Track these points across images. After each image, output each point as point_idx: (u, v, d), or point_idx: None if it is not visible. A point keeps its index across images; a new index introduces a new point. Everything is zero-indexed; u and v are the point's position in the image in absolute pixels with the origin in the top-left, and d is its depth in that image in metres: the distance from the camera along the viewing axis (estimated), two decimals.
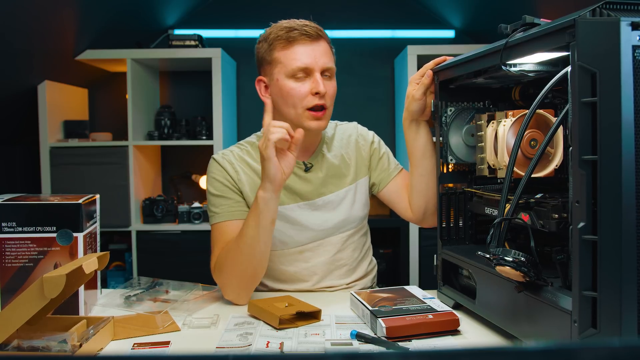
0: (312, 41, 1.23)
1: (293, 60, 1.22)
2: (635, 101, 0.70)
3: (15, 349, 0.86)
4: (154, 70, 2.95)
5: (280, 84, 1.25)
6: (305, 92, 1.23)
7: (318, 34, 1.25)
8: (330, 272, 1.36)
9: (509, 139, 1.00)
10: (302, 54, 1.22)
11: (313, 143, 1.35)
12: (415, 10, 3.09)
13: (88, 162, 2.58)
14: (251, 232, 1.16)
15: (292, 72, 1.23)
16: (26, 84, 2.46)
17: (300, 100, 1.23)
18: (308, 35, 1.23)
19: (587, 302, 0.73)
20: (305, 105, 1.23)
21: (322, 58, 1.24)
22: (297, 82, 1.23)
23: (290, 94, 1.24)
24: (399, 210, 1.41)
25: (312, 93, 1.23)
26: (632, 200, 0.70)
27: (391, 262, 2.89)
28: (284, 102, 1.26)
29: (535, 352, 0.37)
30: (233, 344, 0.99)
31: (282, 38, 1.23)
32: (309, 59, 1.22)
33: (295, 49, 1.23)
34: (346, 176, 1.37)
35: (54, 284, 0.85)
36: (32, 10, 1.99)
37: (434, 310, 1.03)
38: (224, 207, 1.28)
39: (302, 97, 1.23)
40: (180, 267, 2.61)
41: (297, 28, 1.23)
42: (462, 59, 1.08)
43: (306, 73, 1.23)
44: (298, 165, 1.32)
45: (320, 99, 1.23)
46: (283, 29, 1.24)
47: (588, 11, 0.73)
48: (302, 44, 1.23)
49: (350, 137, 1.42)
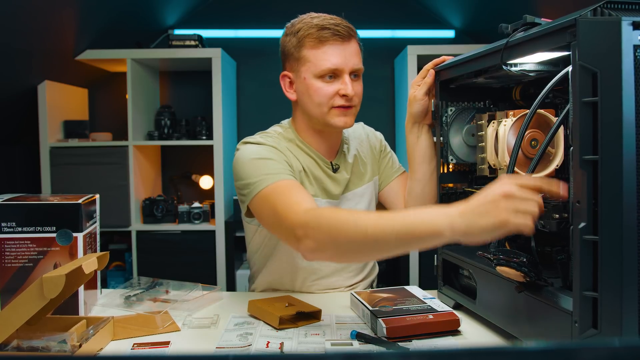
0: (343, 41, 1.20)
1: (323, 61, 1.20)
2: (636, 101, 0.70)
3: (15, 349, 0.86)
4: (154, 70, 2.95)
5: (308, 82, 1.23)
6: (333, 92, 1.21)
7: (350, 33, 1.22)
8: (342, 270, 1.36)
9: (509, 138, 0.99)
10: (332, 54, 1.20)
11: (337, 143, 1.35)
12: (415, 10, 3.09)
13: (88, 162, 2.58)
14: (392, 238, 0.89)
15: (322, 72, 1.20)
16: (26, 84, 2.45)
17: (327, 100, 1.22)
18: (340, 35, 1.20)
19: (587, 303, 0.73)
20: (332, 104, 1.22)
21: (352, 59, 1.21)
22: (325, 83, 1.21)
23: (318, 94, 1.22)
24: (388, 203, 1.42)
25: (339, 94, 1.21)
26: (633, 200, 0.70)
27: (391, 262, 2.89)
28: (309, 100, 1.24)
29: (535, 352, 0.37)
30: (233, 344, 0.99)
31: (313, 36, 1.20)
32: (339, 60, 1.20)
33: (326, 49, 1.20)
34: (364, 174, 1.39)
35: (53, 284, 0.84)
36: (32, 10, 1.99)
37: (434, 311, 1.03)
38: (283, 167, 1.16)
39: (329, 97, 1.22)
40: (180, 267, 2.61)
41: (329, 27, 1.20)
42: (462, 59, 1.07)
43: (335, 74, 1.21)
44: (326, 165, 1.32)
45: (347, 100, 1.22)
46: (314, 26, 1.21)
47: (589, 11, 0.73)
48: (333, 45, 1.20)
49: (361, 135, 1.44)
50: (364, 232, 0.91)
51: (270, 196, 1.11)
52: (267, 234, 1.32)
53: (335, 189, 1.33)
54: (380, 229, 0.90)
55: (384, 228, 0.90)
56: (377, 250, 0.95)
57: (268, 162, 1.17)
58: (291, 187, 1.11)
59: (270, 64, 2.94)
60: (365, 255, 1.05)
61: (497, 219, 0.79)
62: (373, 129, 1.49)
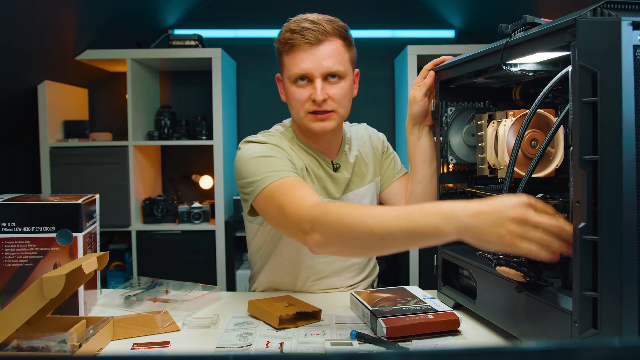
0: (312, 46, 1.18)
1: (293, 67, 1.20)
2: (636, 101, 0.70)
3: (15, 349, 0.86)
4: (154, 70, 2.95)
5: (286, 87, 1.25)
6: (305, 97, 1.21)
7: (319, 37, 1.18)
8: (343, 270, 1.36)
9: (509, 138, 0.99)
10: (301, 59, 1.19)
11: (336, 143, 1.35)
12: (415, 10, 3.09)
13: (88, 162, 2.58)
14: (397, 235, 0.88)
15: (294, 77, 1.21)
16: (26, 84, 2.45)
17: (302, 105, 1.22)
18: (307, 40, 1.17)
19: (587, 303, 0.73)
20: (307, 109, 1.22)
21: (325, 62, 1.18)
22: (298, 88, 1.21)
23: (293, 98, 1.23)
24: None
25: (311, 99, 1.20)
26: (632, 200, 0.70)
27: (391, 262, 2.89)
28: (290, 104, 1.26)
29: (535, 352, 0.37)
30: (233, 344, 0.99)
31: (286, 42, 1.20)
32: (307, 64, 1.18)
33: (296, 55, 1.19)
34: (366, 175, 1.39)
35: (53, 284, 0.84)
36: (32, 10, 1.99)
37: (434, 311, 1.03)
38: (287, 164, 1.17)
39: (302, 102, 1.21)
40: (180, 267, 2.61)
41: (298, 31, 1.18)
42: (462, 59, 1.07)
43: (308, 78, 1.20)
44: (327, 164, 1.32)
45: (318, 106, 1.20)
46: (288, 31, 1.21)
47: (589, 11, 0.73)
48: (302, 50, 1.18)
49: (363, 136, 1.44)
50: (369, 229, 0.90)
51: (275, 193, 1.11)
52: (269, 234, 1.32)
53: (335, 188, 1.33)
54: (385, 226, 0.89)
55: (390, 226, 0.88)
56: (383, 246, 0.94)
57: (271, 160, 1.17)
58: (296, 183, 1.11)
59: (270, 64, 2.92)
60: (372, 250, 1.04)
61: (503, 242, 0.77)
62: (376, 130, 1.49)
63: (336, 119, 1.23)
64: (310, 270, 1.33)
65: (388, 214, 0.91)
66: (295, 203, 1.04)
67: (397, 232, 0.88)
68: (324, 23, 1.19)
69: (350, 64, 1.24)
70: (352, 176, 1.36)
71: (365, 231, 0.91)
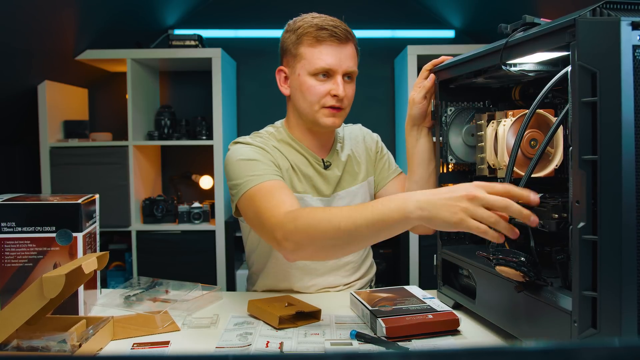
0: (339, 43, 1.23)
1: (318, 60, 1.23)
2: (635, 101, 0.70)
3: (15, 349, 0.86)
4: (154, 70, 2.95)
5: (302, 79, 1.26)
6: (325, 91, 1.24)
7: (347, 36, 1.25)
8: (338, 269, 1.36)
9: (509, 138, 0.99)
10: (328, 55, 1.23)
11: (329, 141, 1.37)
12: (415, 10, 3.09)
13: (88, 162, 2.58)
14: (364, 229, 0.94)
15: (315, 71, 1.23)
16: (26, 84, 2.45)
17: (319, 99, 1.25)
18: (337, 37, 1.23)
19: (587, 302, 0.73)
20: (323, 104, 1.25)
21: (347, 61, 1.24)
22: (318, 81, 1.24)
23: (310, 91, 1.25)
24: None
25: (331, 94, 1.24)
26: (632, 200, 0.70)
27: (391, 262, 2.89)
28: (301, 96, 1.27)
29: (535, 352, 0.37)
30: (233, 344, 0.99)
31: (311, 35, 1.23)
32: (333, 60, 1.23)
33: (322, 49, 1.23)
34: (358, 174, 1.40)
35: (53, 284, 0.84)
36: (32, 10, 1.99)
37: (434, 310, 1.03)
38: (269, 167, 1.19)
39: (320, 96, 1.24)
40: (180, 267, 2.61)
41: (327, 28, 1.23)
42: (462, 59, 1.07)
43: (328, 74, 1.24)
44: (317, 162, 1.33)
45: (338, 101, 1.25)
46: (313, 25, 1.24)
47: (588, 11, 0.73)
48: (330, 45, 1.23)
49: (357, 137, 1.45)
50: (337, 226, 0.96)
51: (254, 197, 1.14)
52: None
53: (326, 186, 1.34)
54: (352, 221, 0.95)
55: (356, 220, 0.95)
56: (353, 242, 0.99)
57: (254, 163, 1.20)
58: (274, 188, 1.14)
59: (270, 64, 2.92)
60: (342, 248, 1.05)
61: (454, 218, 0.84)
62: (370, 130, 1.50)
63: (343, 116, 1.29)
64: (305, 269, 1.34)
65: (353, 209, 0.97)
66: (270, 210, 1.08)
67: (363, 223, 0.94)
68: (345, 27, 1.26)
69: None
70: (344, 174, 1.37)
71: (333, 229, 0.97)
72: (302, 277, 1.34)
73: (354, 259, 1.40)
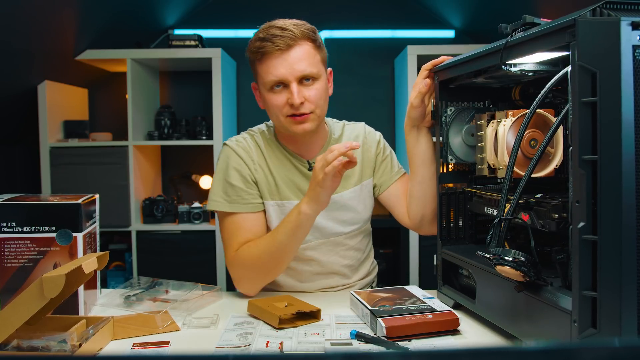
0: (285, 50, 1.19)
1: (267, 74, 1.21)
2: (635, 101, 0.70)
3: (15, 349, 0.86)
4: (154, 70, 2.95)
5: (263, 95, 1.26)
6: (283, 102, 1.22)
7: (289, 42, 1.19)
8: (334, 272, 1.36)
9: (509, 138, 0.99)
10: (274, 66, 1.20)
11: (317, 143, 1.34)
12: (415, 10, 3.09)
13: (88, 162, 2.58)
14: (285, 240, 1.20)
15: (269, 84, 1.22)
16: (26, 84, 2.45)
17: (280, 110, 1.23)
18: (277, 46, 1.19)
19: (587, 302, 0.73)
20: (285, 113, 1.23)
21: (299, 65, 1.20)
22: (275, 94, 1.23)
23: (272, 105, 1.24)
24: (397, 216, 1.40)
25: (288, 103, 1.22)
26: (632, 199, 0.70)
27: (391, 262, 2.89)
28: (269, 111, 1.28)
29: (535, 352, 0.37)
30: (233, 344, 0.99)
31: (257, 50, 1.22)
32: (282, 70, 1.20)
33: (269, 61, 1.20)
34: (350, 177, 1.36)
35: (53, 284, 0.84)
36: (32, 11, 1.99)
37: (434, 310, 1.03)
38: (241, 197, 1.27)
39: (280, 107, 1.23)
40: (180, 267, 2.61)
41: (268, 39, 1.19)
42: (462, 58, 1.07)
43: (283, 84, 1.22)
44: (302, 163, 1.32)
45: (298, 109, 1.21)
46: (257, 39, 1.22)
47: (588, 11, 0.73)
48: (275, 56, 1.20)
49: (357, 137, 1.41)
50: (265, 249, 1.21)
51: (221, 221, 1.30)
52: None
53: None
54: (273, 238, 1.21)
55: (275, 236, 1.21)
56: (282, 255, 1.22)
57: (233, 189, 1.28)
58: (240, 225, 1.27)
59: None
60: (278, 262, 1.24)
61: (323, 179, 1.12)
62: (373, 129, 1.45)
63: (314, 119, 1.25)
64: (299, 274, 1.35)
65: (272, 232, 1.23)
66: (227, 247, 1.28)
67: (283, 236, 1.19)
68: (292, 27, 1.21)
69: (322, 64, 1.26)
70: None
71: (265, 252, 1.21)
72: (301, 278, 1.35)
73: (351, 262, 1.38)
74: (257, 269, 1.24)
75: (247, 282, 1.26)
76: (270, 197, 1.30)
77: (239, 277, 1.26)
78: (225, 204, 1.27)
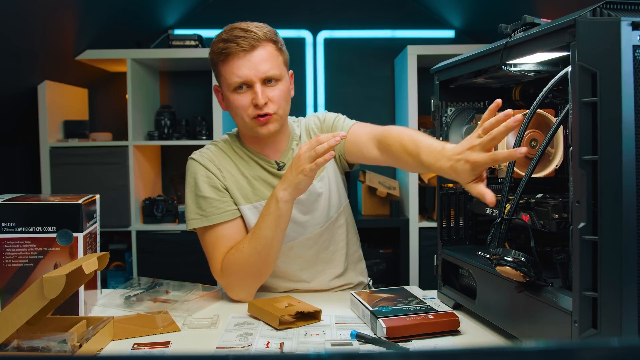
0: (248, 51, 1.20)
1: (231, 75, 1.21)
2: (635, 101, 0.70)
3: (15, 349, 0.86)
4: (154, 70, 2.95)
5: (227, 97, 1.26)
6: (247, 103, 1.22)
7: (252, 43, 1.20)
8: (325, 263, 1.36)
9: (509, 139, 0.99)
10: (238, 67, 1.20)
11: (281, 142, 1.34)
12: (415, 10, 3.09)
13: (88, 162, 2.58)
14: (270, 233, 1.18)
15: (233, 85, 1.22)
16: (26, 84, 2.45)
17: (245, 111, 1.23)
18: (241, 47, 1.19)
19: (587, 302, 0.73)
20: (250, 115, 1.23)
21: (262, 66, 1.20)
22: (239, 95, 1.23)
23: (236, 106, 1.24)
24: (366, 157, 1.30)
25: (252, 104, 1.22)
26: (632, 200, 0.70)
27: (391, 262, 2.89)
28: (233, 113, 1.27)
29: (535, 352, 0.37)
30: (233, 344, 0.99)
31: (220, 52, 1.22)
32: (245, 71, 1.20)
33: (232, 62, 1.21)
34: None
35: (53, 284, 0.84)
36: (32, 10, 1.99)
37: (434, 311, 1.03)
38: (215, 208, 1.26)
39: (245, 108, 1.23)
40: (180, 267, 2.61)
41: (231, 40, 1.20)
42: (462, 59, 1.07)
43: (247, 85, 1.22)
44: (270, 164, 1.32)
45: (262, 109, 1.22)
46: (220, 41, 1.22)
47: (588, 11, 0.73)
48: (238, 57, 1.20)
49: (308, 127, 1.39)
50: (251, 249, 1.20)
51: (202, 237, 1.29)
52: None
53: None
54: (256, 236, 1.20)
55: (258, 233, 1.20)
56: (269, 251, 1.20)
57: (205, 201, 1.27)
58: (220, 235, 1.26)
59: None
60: (267, 260, 1.22)
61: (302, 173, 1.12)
62: (318, 112, 1.42)
63: (277, 120, 1.25)
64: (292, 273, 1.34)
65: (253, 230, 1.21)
66: (212, 260, 1.26)
67: (266, 230, 1.19)
68: (255, 29, 1.22)
69: (284, 66, 1.27)
70: None
71: (252, 253, 1.20)
72: (301, 277, 1.35)
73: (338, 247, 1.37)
74: (247, 272, 1.22)
75: (240, 288, 1.24)
76: (246, 201, 1.29)
77: (231, 286, 1.24)
78: (202, 220, 1.26)
